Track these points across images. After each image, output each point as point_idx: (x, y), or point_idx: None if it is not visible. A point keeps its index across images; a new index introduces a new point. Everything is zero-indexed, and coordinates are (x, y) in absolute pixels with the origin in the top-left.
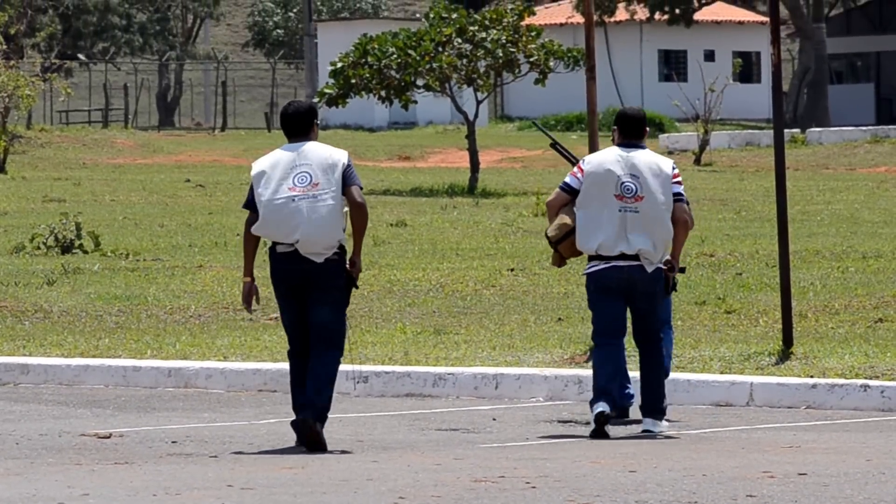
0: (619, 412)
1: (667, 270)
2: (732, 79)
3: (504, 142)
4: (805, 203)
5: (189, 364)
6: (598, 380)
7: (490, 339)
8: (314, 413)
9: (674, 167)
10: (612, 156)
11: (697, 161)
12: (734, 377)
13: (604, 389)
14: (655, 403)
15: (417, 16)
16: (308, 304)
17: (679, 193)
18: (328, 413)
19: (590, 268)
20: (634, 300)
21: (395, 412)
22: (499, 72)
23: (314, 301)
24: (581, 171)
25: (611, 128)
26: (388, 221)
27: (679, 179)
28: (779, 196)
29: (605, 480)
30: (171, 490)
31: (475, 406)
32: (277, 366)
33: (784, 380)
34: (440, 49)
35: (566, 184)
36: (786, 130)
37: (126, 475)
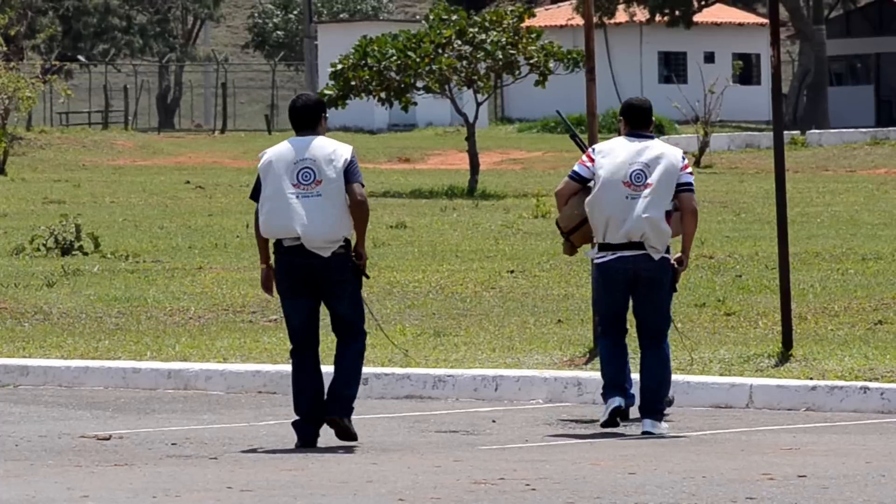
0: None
1: (676, 265)
2: (732, 80)
3: (504, 144)
4: (805, 205)
5: (189, 366)
6: (608, 372)
7: (490, 341)
8: (341, 408)
9: (683, 157)
10: (622, 144)
11: (697, 163)
12: (734, 379)
13: (614, 382)
14: (655, 404)
15: (417, 17)
16: (324, 300)
17: (689, 183)
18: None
19: (598, 257)
20: (638, 286)
21: (395, 414)
22: (499, 73)
23: (329, 297)
24: (590, 160)
25: (612, 126)
26: (388, 223)
27: (690, 170)
28: (778, 198)
29: (605, 482)
30: (171, 492)
31: (475, 408)
32: (277, 367)
33: (784, 382)
34: (440, 51)
35: (575, 172)
36: (785, 132)
37: (126, 477)
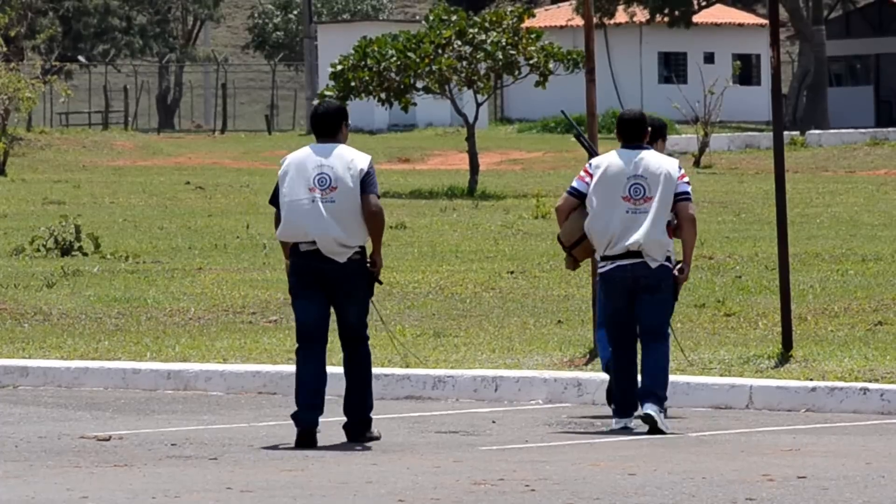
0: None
1: (677, 273)
2: (732, 81)
3: (504, 144)
4: (804, 206)
5: (188, 366)
6: (616, 394)
7: (489, 342)
8: (357, 420)
9: (680, 167)
10: (618, 158)
11: (697, 163)
12: (734, 380)
13: (624, 402)
14: (656, 389)
15: (417, 18)
16: (335, 307)
17: (686, 192)
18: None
19: (601, 268)
20: (638, 292)
21: (395, 415)
22: (499, 74)
23: (340, 302)
24: (588, 175)
25: (612, 126)
26: (388, 224)
27: (686, 179)
28: (778, 198)
29: (605, 483)
30: (171, 492)
31: (474, 409)
32: (277, 368)
33: (783, 383)
34: (440, 51)
35: (574, 188)
36: (785, 133)
37: (125, 477)
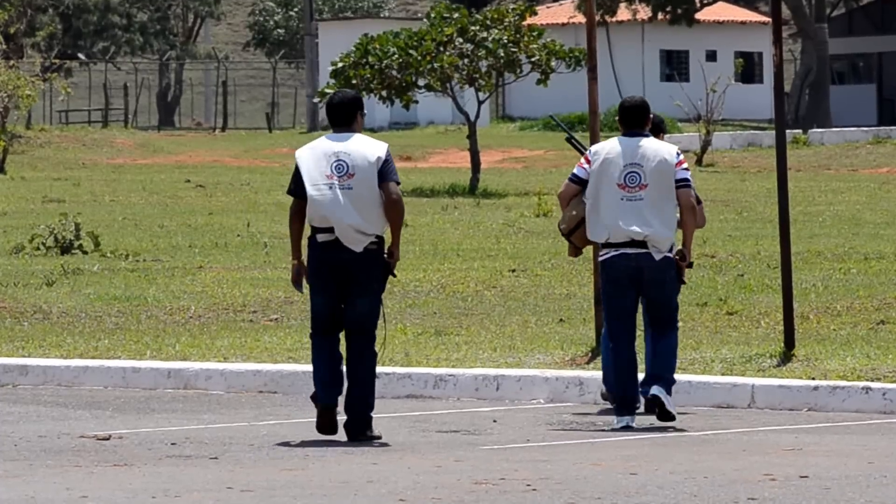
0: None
1: (679, 261)
2: (734, 79)
3: (505, 142)
4: (807, 204)
5: (189, 365)
6: (616, 386)
7: (491, 341)
8: (357, 418)
9: (678, 154)
10: (616, 145)
11: (699, 161)
12: (736, 379)
13: (625, 399)
14: (664, 373)
15: (419, 15)
16: (347, 296)
17: (685, 179)
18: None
19: (602, 255)
20: (644, 288)
21: (396, 414)
22: (500, 72)
23: (353, 293)
24: (588, 161)
25: (614, 124)
26: None
27: (685, 166)
28: (780, 197)
29: (607, 483)
30: (171, 492)
31: (476, 408)
32: (277, 367)
33: (786, 382)
34: (441, 49)
35: (574, 175)
36: (787, 131)
37: (125, 477)
